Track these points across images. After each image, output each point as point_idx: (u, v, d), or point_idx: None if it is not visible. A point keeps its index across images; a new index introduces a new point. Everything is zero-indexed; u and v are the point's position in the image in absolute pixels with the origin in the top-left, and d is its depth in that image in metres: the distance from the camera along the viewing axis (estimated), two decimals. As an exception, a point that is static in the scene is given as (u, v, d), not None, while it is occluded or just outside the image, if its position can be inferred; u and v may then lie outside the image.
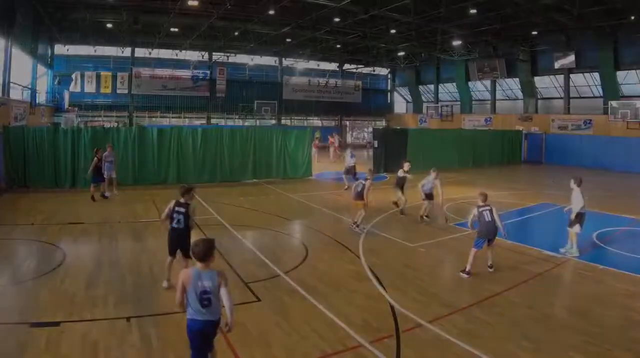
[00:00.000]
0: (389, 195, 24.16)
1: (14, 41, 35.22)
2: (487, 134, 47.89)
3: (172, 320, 9.94)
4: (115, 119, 59.60)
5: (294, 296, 11.56)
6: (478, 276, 13.20)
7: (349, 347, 9.02)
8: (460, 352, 8.86)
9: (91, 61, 59.21)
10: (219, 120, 66.32)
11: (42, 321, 9.71)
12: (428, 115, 68.03)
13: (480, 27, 45.65)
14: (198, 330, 7.37)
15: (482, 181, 33.38)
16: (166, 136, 29.54)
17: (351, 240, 16.88)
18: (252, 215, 21.35)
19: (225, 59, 65.01)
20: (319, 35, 52.28)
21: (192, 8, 40.36)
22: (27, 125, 33.35)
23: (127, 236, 17.21)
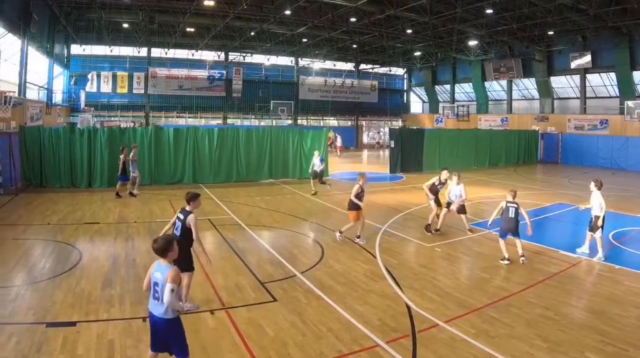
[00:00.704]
0: (405, 195, 24.14)
1: (30, 41, 35.32)
2: (503, 134, 47.72)
3: (187, 321, 9.93)
4: (132, 118, 59.68)
5: (310, 296, 11.57)
6: (494, 276, 13.21)
7: (365, 347, 9.01)
8: (476, 352, 8.84)
9: (107, 61, 59.48)
10: (235, 120, 66.28)
11: (58, 321, 9.76)
12: (444, 115, 67.75)
13: (496, 27, 45.47)
14: (152, 323, 7.44)
15: (499, 181, 33.32)
16: (182, 136, 29.62)
17: (367, 240, 16.91)
18: (269, 215, 21.38)
19: (241, 59, 65.12)
20: (335, 35, 52.25)
21: (208, 8, 40.46)
22: (43, 125, 33.35)
23: (143, 236, 17.24)
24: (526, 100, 61.57)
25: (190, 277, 10.67)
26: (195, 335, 9.34)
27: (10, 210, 20.97)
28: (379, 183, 31.95)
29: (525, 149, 48.59)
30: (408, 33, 49.71)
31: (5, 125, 25.70)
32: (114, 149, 27.64)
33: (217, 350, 8.84)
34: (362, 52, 64.77)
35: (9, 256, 13.89)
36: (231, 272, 13.23)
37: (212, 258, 11.90)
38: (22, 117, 30.55)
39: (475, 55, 57.00)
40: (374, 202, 24.02)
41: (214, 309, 10.66)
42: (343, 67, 73.64)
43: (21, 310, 10.32)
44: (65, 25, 46.55)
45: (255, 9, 42.61)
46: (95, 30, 51.09)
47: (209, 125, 54.96)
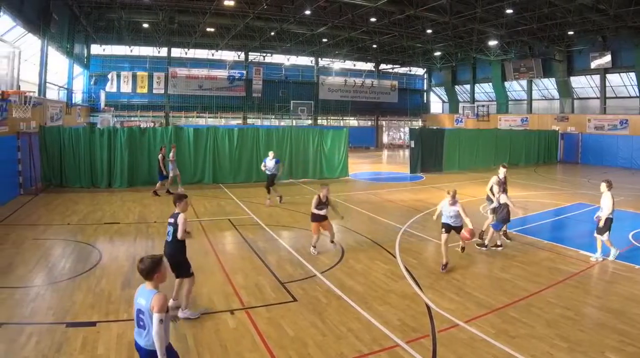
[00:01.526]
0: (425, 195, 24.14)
1: (50, 41, 35.50)
2: (523, 134, 47.47)
3: (208, 321, 10.05)
4: (152, 119, 59.93)
5: (330, 296, 11.59)
6: (514, 276, 13.16)
7: (385, 347, 9.02)
8: (496, 352, 8.83)
9: (127, 61, 59.88)
10: (255, 121, 66.35)
11: (78, 321, 9.82)
12: (464, 115, 67.46)
13: (516, 27, 45.28)
14: (137, 351, 6.67)
15: (519, 181, 33.11)
16: (202, 136, 29.72)
17: (387, 240, 16.91)
18: (289, 215, 21.40)
19: (261, 59, 65.19)
20: (355, 35, 52.20)
21: (228, 8, 40.57)
22: (63, 125, 33.55)
23: (162, 236, 17.16)
24: (546, 100, 61.25)
25: (191, 283, 10.42)
26: (216, 334, 9.41)
27: (30, 210, 21.12)
28: (399, 183, 31.97)
29: (545, 149, 48.41)
30: (428, 33, 49.68)
31: (26, 125, 25.83)
32: (134, 149, 27.86)
33: (237, 349, 8.86)
34: (382, 52, 64.66)
35: (29, 256, 13.99)
36: (251, 272, 13.26)
37: (230, 258, 11.98)
38: (42, 117, 30.70)
39: (495, 55, 56.86)
40: (394, 202, 24.02)
41: (234, 309, 10.70)
42: (363, 67, 73.56)
43: (41, 310, 10.38)
44: (85, 25, 46.87)
45: (275, 9, 42.75)
46: (115, 30, 51.40)
47: (229, 125, 54.99)
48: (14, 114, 19.29)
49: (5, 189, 22.80)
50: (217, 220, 20.03)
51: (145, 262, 6.48)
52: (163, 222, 18.95)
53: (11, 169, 24.13)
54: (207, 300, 11.20)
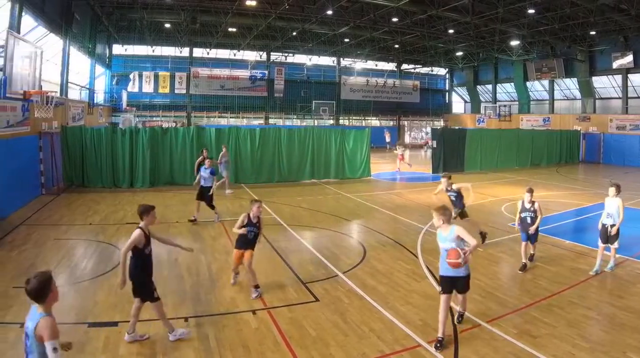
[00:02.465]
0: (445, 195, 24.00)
1: (72, 41, 35.76)
2: (545, 134, 47.21)
3: (230, 320, 10.12)
4: (174, 118, 60.34)
5: (352, 296, 11.60)
6: (535, 276, 13.10)
7: (406, 347, 9.03)
8: (518, 352, 8.81)
9: (149, 61, 60.30)
10: (277, 120, 66.53)
11: (99, 321, 9.90)
12: (486, 116, 67.20)
13: (538, 27, 45.18)
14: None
15: (540, 181, 33.03)
16: (224, 136, 29.75)
17: (409, 240, 16.90)
18: (310, 215, 21.43)
19: (283, 59, 65.45)
20: (377, 35, 52.23)
21: (249, 8, 40.73)
22: (85, 125, 33.79)
23: (185, 236, 17.39)
24: (568, 100, 60.94)
25: (159, 308, 9.40)
26: (238, 334, 9.47)
27: (52, 210, 21.28)
28: (421, 183, 31.87)
29: (567, 149, 48.10)
30: (450, 33, 49.63)
31: (48, 125, 26.01)
32: (156, 149, 27.97)
33: (259, 349, 8.89)
34: (404, 52, 64.60)
35: (51, 256, 14.09)
36: (273, 272, 13.31)
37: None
38: (64, 117, 30.90)
39: (517, 55, 56.68)
40: (417, 202, 23.97)
41: (256, 309, 10.74)
42: (385, 67, 73.50)
43: (63, 310, 10.32)
44: (107, 25, 47.28)
45: (297, 9, 42.85)
46: (137, 30, 51.77)
47: (251, 125, 55.15)
48: (36, 114, 19.46)
49: (27, 189, 22.97)
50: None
51: (32, 283, 5.61)
52: (185, 222, 19.08)
53: (33, 169, 24.30)
54: (229, 300, 11.28)
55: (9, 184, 19.80)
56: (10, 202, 20.22)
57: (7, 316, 9.98)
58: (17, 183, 21.00)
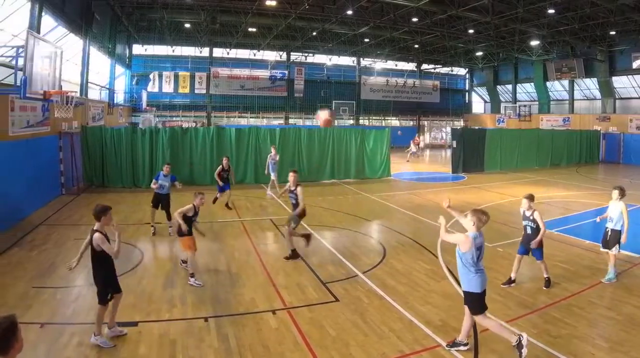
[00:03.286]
0: (467, 195, 23.96)
1: (92, 41, 35.95)
2: (564, 134, 46.93)
3: (250, 320, 10.13)
4: (193, 119, 60.52)
5: (372, 296, 11.58)
6: (555, 277, 12.99)
7: (426, 347, 9.01)
8: (538, 352, 8.77)
9: (169, 61, 60.50)
10: (297, 120, 66.50)
11: (119, 321, 9.86)
12: (506, 116, 66.89)
13: (558, 27, 44.94)
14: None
15: (560, 181, 32.92)
16: (244, 136, 29.87)
17: (429, 240, 16.81)
18: (330, 215, 21.44)
19: (303, 59, 65.41)
20: (397, 35, 52.12)
21: (269, 8, 40.75)
22: (104, 125, 33.96)
23: (205, 236, 17.45)
24: (588, 100, 60.66)
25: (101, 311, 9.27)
26: (258, 334, 9.47)
27: (72, 210, 21.40)
28: (441, 183, 31.85)
29: (587, 149, 47.83)
30: (470, 33, 49.44)
31: (68, 125, 26.15)
32: (176, 149, 28.07)
33: (279, 349, 8.89)
34: (423, 52, 64.39)
35: (71, 256, 14.00)
36: (293, 272, 13.32)
37: (272, 258, 12.07)
38: (84, 117, 31.03)
39: (537, 55, 56.49)
40: (436, 202, 23.90)
41: (276, 309, 10.74)
42: (405, 67, 73.22)
43: (83, 310, 10.53)
44: (127, 25, 47.59)
45: (317, 9, 42.81)
46: (157, 30, 51.99)
47: (271, 125, 55.11)
48: (56, 114, 19.57)
49: (48, 189, 23.09)
50: (259, 221, 20.17)
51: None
52: (204, 223, 19.03)
53: (53, 169, 24.44)
54: (249, 300, 11.29)
55: (29, 184, 19.90)
56: (31, 201, 20.34)
57: (26, 316, 10.00)
58: (37, 183, 21.11)
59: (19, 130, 19.78)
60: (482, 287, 8.59)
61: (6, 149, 18.19)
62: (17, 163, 18.96)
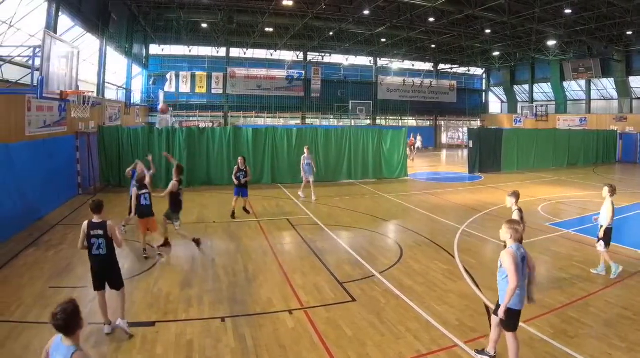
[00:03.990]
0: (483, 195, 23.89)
1: (109, 41, 36.16)
2: (581, 134, 46.72)
3: (267, 320, 10.15)
4: (210, 119, 60.66)
5: (389, 296, 11.56)
6: (573, 276, 13.02)
7: (443, 347, 9.00)
8: (555, 352, 8.77)
9: (186, 61, 60.66)
10: (314, 120, 66.42)
11: (137, 321, 9.96)
12: (523, 116, 66.65)
13: (575, 27, 44.81)
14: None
15: (577, 181, 32.82)
16: (261, 136, 29.85)
17: (446, 240, 16.83)
18: (347, 215, 21.38)
19: (320, 59, 65.32)
20: (414, 35, 52.09)
21: (286, 8, 40.84)
22: (121, 125, 34.16)
23: (222, 236, 17.47)
24: (605, 100, 60.39)
25: (123, 292, 9.86)
26: (274, 334, 9.49)
27: (88, 209, 21.31)
28: (458, 184, 31.78)
29: (603, 149, 47.66)
30: (487, 33, 49.36)
31: (84, 125, 26.34)
32: (193, 149, 28.15)
33: (296, 349, 8.90)
34: (440, 52, 64.34)
35: (87, 256, 14.16)
36: (310, 272, 13.32)
37: (289, 258, 12.16)
38: (101, 117, 31.20)
39: (553, 55, 56.34)
40: (453, 203, 23.85)
41: (293, 309, 10.76)
42: (422, 67, 73.00)
43: (100, 310, 10.53)
44: (144, 25, 47.85)
45: (334, 9, 42.93)
46: (174, 30, 52.03)
47: (288, 126, 55.08)
48: (73, 114, 19.62)
49: (64, 189, 23.18)
50: (276, 220, 20.14)
51: (61, 317, 5.10)
52: (222, 223, 19.13)
53: (70, 168, 24.54)
54: (266, 300, 11.30)
55: (45, 184, 19.98)
56: (47, 201, 20.42)
57: (42, 316, 10.07)
58: (53, 183, 21.19)
59: (35, 130, 19.89)
60: (523, 303, 8.10)
61: (23, 149, 18.29)
62: (33, 163, 19.03)
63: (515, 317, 8.00)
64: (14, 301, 10.90)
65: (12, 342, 8.97)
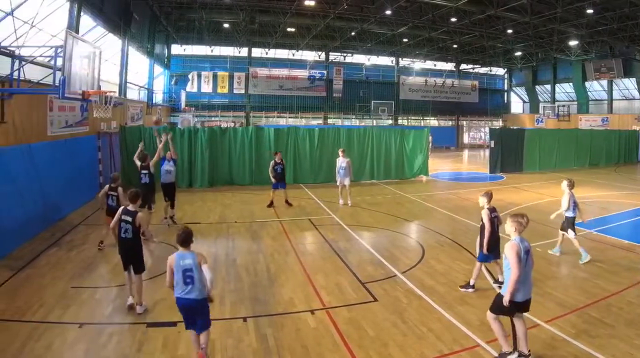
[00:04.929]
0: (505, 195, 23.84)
1: (131, 41, 36.33)
2: (603, 134, 46.41)
3: (288, 320, 10.16)
4: (232, 119, 60.88)
5: (411, 296, 11.54)
6: (594, 276, 12.96)
7: (465, 347, 8.98)
8: (576, 352, 8.73)
9: (207, 61, 60.96)
10: (336, 121, 66.39)
11: (158, 321, 10.03)
12: (545, 116, 66.38)
13: (596, 27, 44.58)
14: (186, 310, 8.33)
15: (599, 181, 32.61)
16: (283, 136, 29.75)
17: (468, 240, 16.68)
18: (369, 215, 21.35)
19: (341, 59, 65.49)
20: (436, 35, 51.93)
21: (308, 8, 40.94)
22: (143, 125, 34.17)
23: (243, 236, 17.50)
24: (627, 100, 59.98)
25: (141, 278, 10.90)
26: (296, 334, 9.51)
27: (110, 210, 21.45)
28: (479, 183, 31.63)
29: (625, 149, 47.18)
30: (508, 33, 49.17)
31: (106, 125, 26.42)
32: (215, 149, 28.17)
33: (318, 350, 8.92)
34: (462, 52, 64.14)
35: (110, 256, 14.20)
36: (332, 272, 13.32)
37: (311, 258, 12.31)
38: (123, 117, 31.34)
39: (575, 55, 56.13)
40: (474, 202, 23.71)
41: (315, 309, 10.77)
42: (443, 67, 72.86)
43: (122, 310, 10.61)
44: (166, 25, 47.91)
45: (355, 9, 42.97)
46: (195, 30, 52.19)
47: (310, 126, 55.03)
48: (95, 114, 19.76)
49: (86, 189, 23.16)
50: (298, 220, 20.13)
51: (185, 232, 8.32)
52: (244, 223, 19.18)
53: (92, 168, 24.58)
54: (288, 300, 11.34)
55: (67, 184, 20.03)
56: (69, 201, 20.52)
57: (65, 316, 10.17)
58: (75, 183, 21.28)
59: (57, 130, 20.02)
60: (524, 296, 8.28)
61: (45, 149, 18.38)
62: (55, 163, 19.10)
63: (511, 306, 8.20)
64: (36, 301, 10.96)
65: (33, 342, 9.01)
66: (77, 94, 14.99)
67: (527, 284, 8.31)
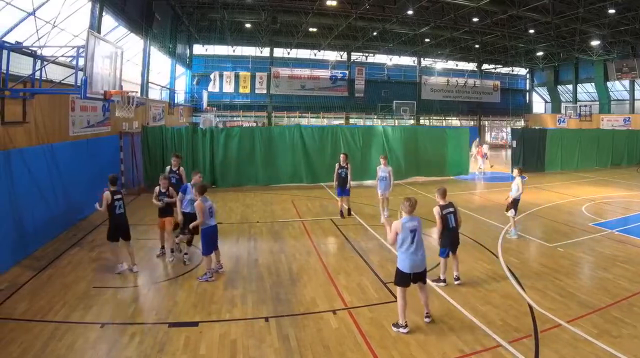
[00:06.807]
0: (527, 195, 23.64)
1: (153, 41, 36.50)
2: (625, 134, 45.99)
3: (310, 320, 10.18)
4: (254, 119, 61.04)
5: (432, 296, 11.48)
6: (616, 276, 12.90)
7: (487, 347, 8.97)
8: (599, 352, 8.69)
9: (229, 61, 61.23)
10: (358, 120, 66.36)
11: (180, 321, 10.08)
12: (566, 116, 65.97)
13: (618, 27, 44.40)
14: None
15: (621, 181, 32.32)
16: (323, 135, 29.81)
17: (490, 240, 16.74)
18: (391, 214, 21.15)
19: (363, 59, 65.49)
20: (458, 35, 51.90)
21: (330, 8, 40.97)
22: (165, 125, 34.33)
23: (265, 236, 17.52)
24: (649, 100, 59.43)
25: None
26: (318, 334, 9.53)
27: (132, 210, 21.18)
28: (501, 183, 31.37)
29: (647, 149, 46.64)
30: (530, 33, 49.02)
31: (128, 125, 26.55)
32: (271, 148, 28.49)
33: (340, 350, 8.94)
34: (484, 52, 63.91)
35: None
36: (353, 272, 13.35)
37: (333, 258, 12.47)
38: (145, 117, 31.41)
39: (597, 55, 55.71)
40: (497, 203, 23.61)
41: (337, 309, 10.80)
42: (465, 67, 72.78)
43: (144, 310, 10.73)
44: (188, 25, 48.16)
45: (377, 9, 43.05)
46: (217, 30, 52.40)
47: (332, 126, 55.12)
48: (117, 114, 19.81)
49: (108, 189, 23.28)
50: (320, 221, 20.16)
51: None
52: (265, 223, 19.20)
53: (114, 169, 24.37)
54: (310, 300, 11.36)
55: (89, 184, 19.96)
56: (91, 202, 20.52)
57: (86, 316, 10.26)
58: (97, 183, 21.27)
59: (79, 130, 20.09)
60: (411, 269, 9.85)
61: (67, 149, 18.44)
62: (77, 163, 19.19)
63: (399, 275, 9.94)
64: (58, 301, 11.06)
65: (55, 342, 9.09)
66: (99, 94, 15.05)
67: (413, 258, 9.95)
